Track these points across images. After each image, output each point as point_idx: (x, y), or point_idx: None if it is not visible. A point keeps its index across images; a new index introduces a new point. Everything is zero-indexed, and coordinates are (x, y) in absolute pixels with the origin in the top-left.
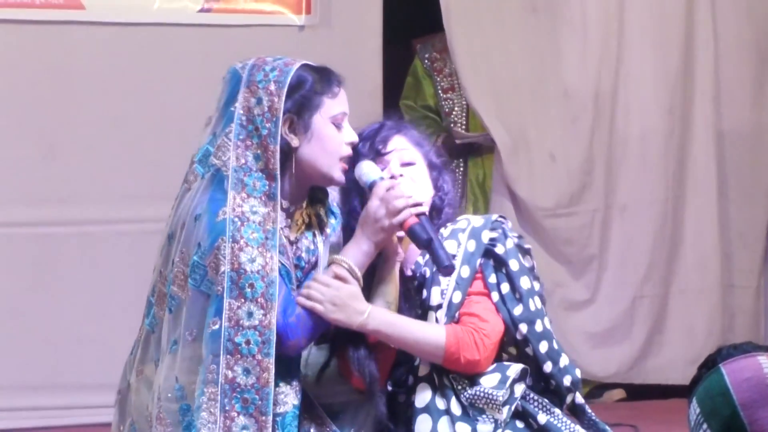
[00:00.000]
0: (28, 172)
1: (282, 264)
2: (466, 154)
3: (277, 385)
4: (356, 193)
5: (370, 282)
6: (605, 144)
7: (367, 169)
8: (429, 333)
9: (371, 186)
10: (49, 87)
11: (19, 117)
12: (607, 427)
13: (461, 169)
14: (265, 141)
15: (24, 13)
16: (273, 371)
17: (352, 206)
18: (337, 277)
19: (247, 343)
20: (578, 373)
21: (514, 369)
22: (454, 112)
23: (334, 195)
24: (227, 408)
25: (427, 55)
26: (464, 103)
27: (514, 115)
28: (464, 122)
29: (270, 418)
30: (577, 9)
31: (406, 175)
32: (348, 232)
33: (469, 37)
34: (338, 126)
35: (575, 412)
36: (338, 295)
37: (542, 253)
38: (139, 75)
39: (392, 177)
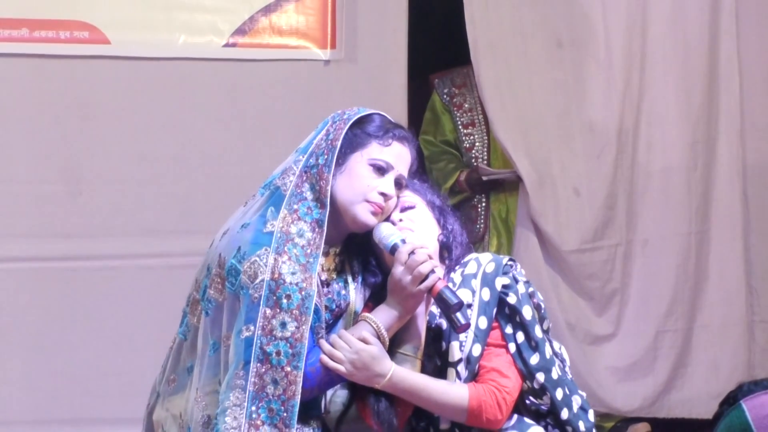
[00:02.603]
0: (54, 207)
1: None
2: (488, 190)
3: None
4: (370, 248)
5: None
6: (627, 178)
7: (386, 231)
8: (451, 396)
9: (392, 250)
10: (75, 121)
11: (44, 152)
12: None
13: (483, 204)
14: (321, 169)
15: (50, 47)
16: (300, 384)
17: (368, 261)
18: (362, 338)
19: (278, 354)
20: (591, 416)
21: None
22: (475, 148)
23: None
24: (253, 416)
25: (446, 90)
26: (485, 138)
27: (539, 149)
28: (486, 157)
29: (294, 430)
30: (602, 44)
31: (406, 219)
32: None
33: (496, 71)
34: (378, 171)
35: None
36: (359, 358)
37: (566, 288)
38: (164, 109)
39: (393, 224)
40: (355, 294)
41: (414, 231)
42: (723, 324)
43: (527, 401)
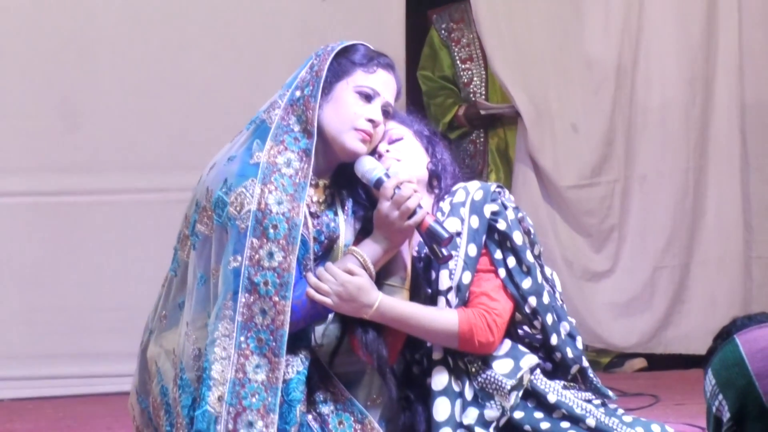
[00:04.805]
0: (52, 142)
1: (302, 234)
2: (486, 125)
3: None
4: (359, 180)
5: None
6: (626, 114)
7: (369, 165)
8: (441, 321)
9: (377, 184)
10: (72, 55)
11: (41, 86)
12: (609, 392)
13: (481, 139)
14: (307, 99)
15: None
16: (288, 314)
17: (357, 194)
18: (348, 270)
19: (266, 284)
20: (579, 344)
21: (528, 361)
22: (473, 83)
23: None
24: (242, 346)
25: (443, 26)
26: (483, 73)
27: (537, 84)
28: (484, 92)
29: (283, 360)
30: None
31: (392, 150)
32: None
33: (494, 6)
34: (364, 98)
35: (580, 376)
36: (345, 290)
37: (563, 224)
38: (161, 44)
39: (380, 156)
40: (344, 226)
41: (401, 160)
42: (720, 260)
43: (520, 331)
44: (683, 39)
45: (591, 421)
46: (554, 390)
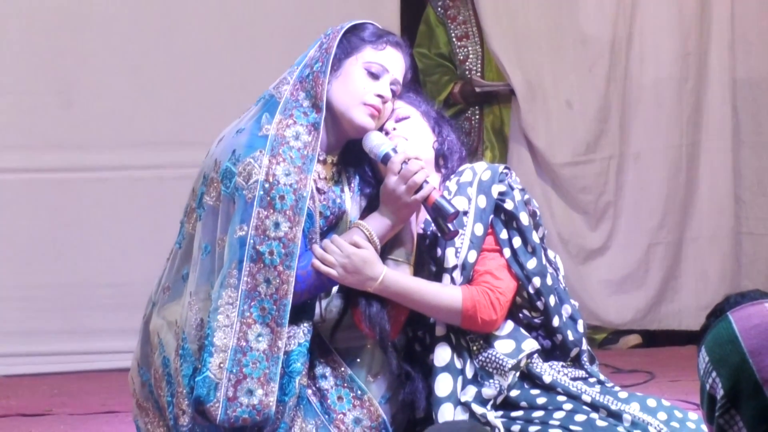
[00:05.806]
0: (46, 119)
1: (308, 208)
2: (481, 102)
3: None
4: (366, 158)
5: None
6: (620, 91)
7: (376, 140)
8: (445, 297)
9: (384, 159)
10: (67, 32)
11: (36, 62)
12: (602, 376)
13: (477, 117)
14: (316, 75)
15: None
16: (293, 284)
17: (364, 171)
18: (353, 243)
19: (271, 253)
20: (580, 327)
21: (529, 345)
22: (469, 60)
23: None
24: (245, 315)
25: (440, 3)
26: (479, 50)
27: (532, 61)
28: (480, 69)
29: (285, 330)
30: None
31: (399, 129)
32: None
33: None
34: (372, 75)
35: (578, 360)
36: (351, 262)
37: (559, 201)
38: (157, 19)
39: (387, 134)
40: (351, 203)
41: (408, 139)
42: (712, 236)
43: (520, 314)
44: (676, 15)
45: (587, 398)
46: (550, 372)
